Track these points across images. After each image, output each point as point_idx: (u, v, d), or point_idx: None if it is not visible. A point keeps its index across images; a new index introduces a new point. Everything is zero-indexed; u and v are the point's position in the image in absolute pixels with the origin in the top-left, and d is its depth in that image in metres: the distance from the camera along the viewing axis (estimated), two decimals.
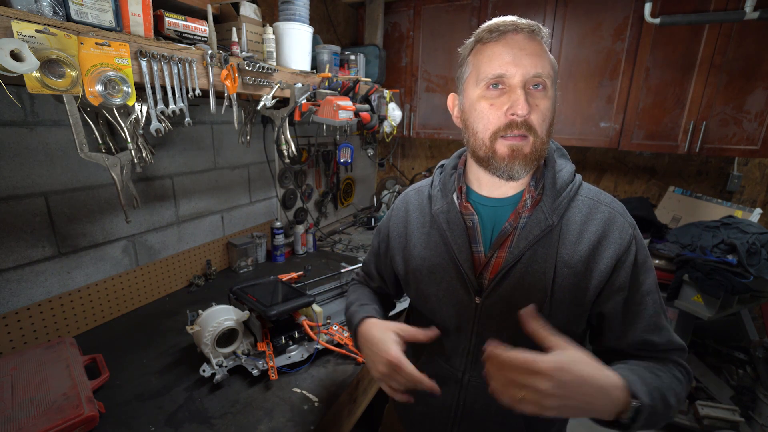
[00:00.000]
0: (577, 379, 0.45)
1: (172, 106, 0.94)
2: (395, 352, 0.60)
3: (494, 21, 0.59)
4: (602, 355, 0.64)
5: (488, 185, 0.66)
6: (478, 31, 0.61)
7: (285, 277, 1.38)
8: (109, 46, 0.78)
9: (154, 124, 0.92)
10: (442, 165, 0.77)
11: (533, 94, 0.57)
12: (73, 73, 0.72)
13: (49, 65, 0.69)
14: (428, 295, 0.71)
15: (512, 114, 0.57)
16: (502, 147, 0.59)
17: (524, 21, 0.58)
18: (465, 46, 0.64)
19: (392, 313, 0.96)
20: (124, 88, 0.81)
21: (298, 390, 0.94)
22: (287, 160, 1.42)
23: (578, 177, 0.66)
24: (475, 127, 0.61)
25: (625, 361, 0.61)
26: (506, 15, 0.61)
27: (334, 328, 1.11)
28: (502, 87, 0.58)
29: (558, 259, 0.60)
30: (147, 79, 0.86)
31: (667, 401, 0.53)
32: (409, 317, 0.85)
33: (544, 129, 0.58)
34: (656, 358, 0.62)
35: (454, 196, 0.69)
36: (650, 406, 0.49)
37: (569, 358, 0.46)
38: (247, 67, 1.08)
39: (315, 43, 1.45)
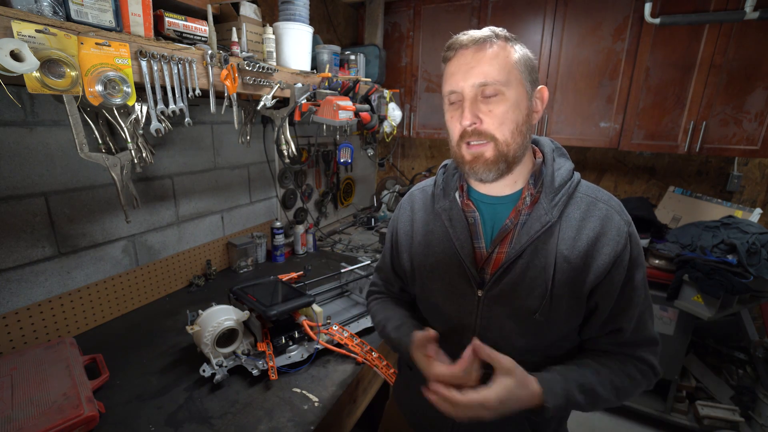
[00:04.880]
0: (510, 404, 0.57)
1: (172, 106, 0.94)
2: (437, 370, 0.63)
3: (450, 40, 0.65)
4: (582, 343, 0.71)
5: (482, 185, 0.69)
6: (442, 51, 0.67)
7: (285, 277, 1.38)
8: (109, 46, 0.78)
9: (154, 124, 0.92)
10: (445, 165, 0.79)
11: (486, 102, 0.61)
12: (73, 73, 0.72)
13: (49, 65, 0.69)
14: (432, 290, 0.73)
15: (461, 124, 0.62)
16: (467, 153, 0.64)
17: (471, 36, 0.62)
18: (442, 64, 0.70)
19: None
20: (124, 88, 0.81)
21: (298, 390, 0.94)
22: (287, 160, 1.42)
23: (576, 175, 0.68)
24: (449, 137, 0.68)
25: (582, 359, 0.67)
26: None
27: (334, 328, 1.11)
28: (459, 101, 0.63)
29: (558, 254, 0.62)
30: (147, 79, 0.86)
31: (594, 393, 0.62)
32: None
33: (506, 131, 0.61)
34: (618, 353, 0.67)
35: (456, 194, 0.72)
36: (560, 406, 0.60)
37: (509, 391, 0.57)
38: (247, 67, 1.08)
39: (315, 43, 1.45)
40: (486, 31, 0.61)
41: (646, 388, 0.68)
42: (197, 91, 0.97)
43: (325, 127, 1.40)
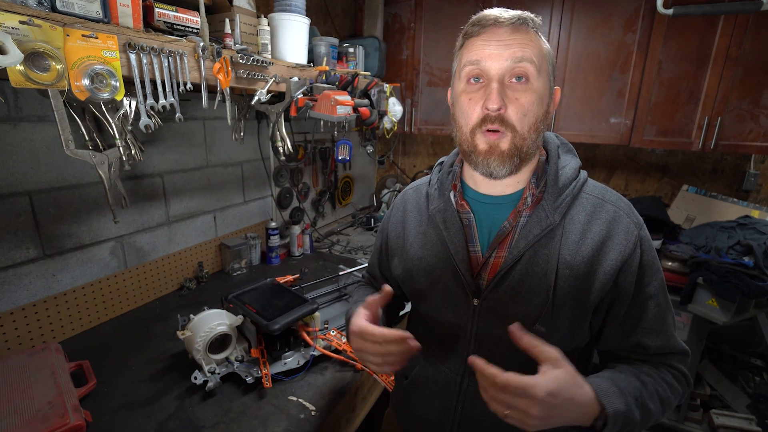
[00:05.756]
0: (563, 402, 0.48)
1: (162, 101, 0.92)
2: (358, 322, 0.62)
3: (478, 15, 0.59)
4: (600, 356, 0.69)
5: (484, 183, 0.65)
6: (465, 26, 0.61)
7: (281, 280, 1.34)
8: (96, 38, 0.76)
9: (144, 120, 0.90)
10: (441, 162, 0.76)
11: (513, 87, 0.57)
12: (58, 67, 0.70)
13: (34, 58, 0.67)
14: (426, 297, 0.70)
15: (486, 108, 0.56)
16: (482, 142, 0.59)
17: (507, 14, 0.57)
18: (457, 41, 0.65)
19: (403, 312, 0.94)
20: (112, 82, 0.79)
21: (294, 398, 0.92)
22: (283, 158, 1.40)
23: (583, 173, 0.65)
24: (459, 122, 0.62)
25: (615, 365, 0.62)
26: (510, 5, 0.62)
27: (331, 333, 1.08)
28: (482, 81, 0.58)
29: (560, 260, 0.59)
30: (136, 72, 0.84)
31: (647, 408, 0.56)
32: (410, 320, 0.84)
33: (525, 125, 0.57)
34: (649, 361, 0.63)
35: (451, 195, 0.69)
36: (621, 414, 0.52)
37: (560, 383, 0.48)
38: (240, 60, 1.06)
39: (312, 35, 1.45)
40: (519, 12, 0.57)
41: (680, 401, 0.63)
42: (189, 86, 0.95)
43: (322, 122, 1.37)
